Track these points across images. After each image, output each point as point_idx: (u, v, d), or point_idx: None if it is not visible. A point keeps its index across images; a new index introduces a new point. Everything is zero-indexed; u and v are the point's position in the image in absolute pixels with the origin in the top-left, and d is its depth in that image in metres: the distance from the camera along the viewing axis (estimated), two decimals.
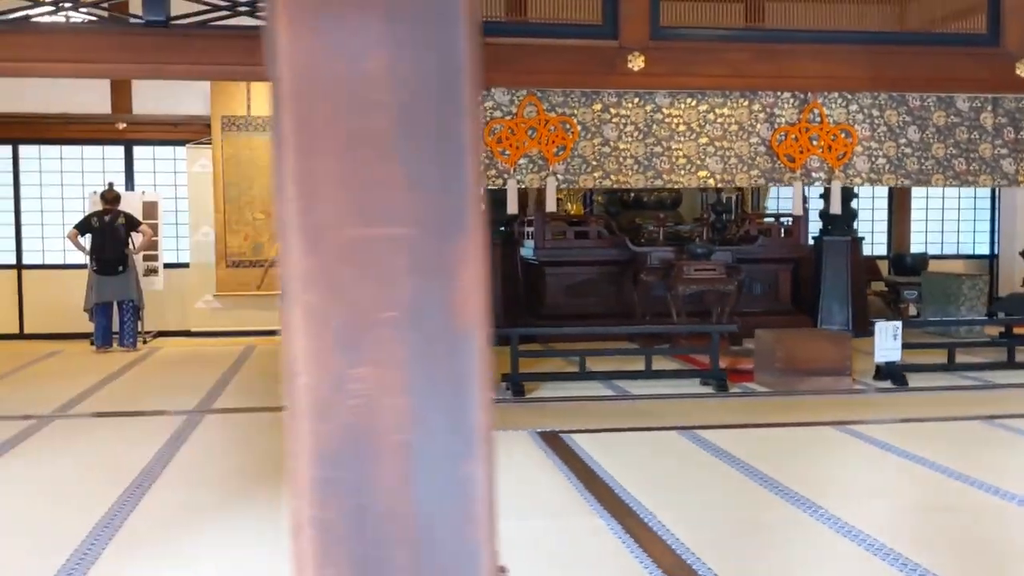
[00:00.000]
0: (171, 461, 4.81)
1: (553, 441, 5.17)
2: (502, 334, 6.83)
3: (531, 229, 9.54)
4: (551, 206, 6.54)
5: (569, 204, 10.57)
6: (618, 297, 9.59)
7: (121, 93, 9.89)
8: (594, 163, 6.58)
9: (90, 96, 9.78)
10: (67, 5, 5.78)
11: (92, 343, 9.37)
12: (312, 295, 0.90)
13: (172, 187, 10.22)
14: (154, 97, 9.90)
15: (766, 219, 10.41)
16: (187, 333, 10.11)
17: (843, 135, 6.81)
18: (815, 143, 6.78)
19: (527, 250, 9.67)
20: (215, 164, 9.98)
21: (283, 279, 0.91)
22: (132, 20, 5.74)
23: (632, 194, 9.95)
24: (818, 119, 6.78)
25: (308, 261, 0.90)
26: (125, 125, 9.93)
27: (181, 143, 10.12)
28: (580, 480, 4.39)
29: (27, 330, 10.01)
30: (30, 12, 6.11)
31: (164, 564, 3.39)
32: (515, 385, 6.61)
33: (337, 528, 0.91)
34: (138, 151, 10.18)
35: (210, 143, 9.98)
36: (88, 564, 3.34)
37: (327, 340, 0.91)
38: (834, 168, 6.82)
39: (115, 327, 9.13)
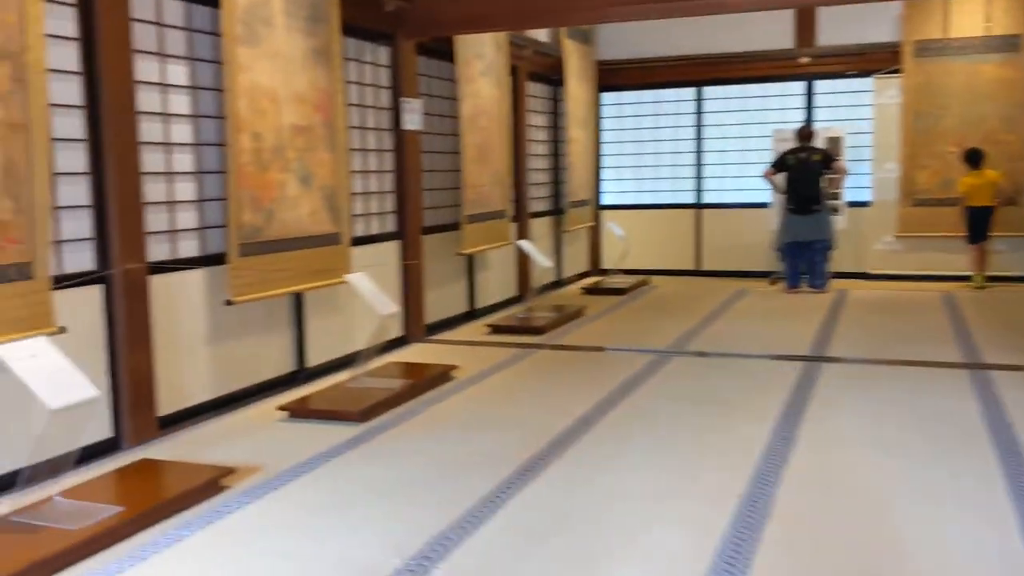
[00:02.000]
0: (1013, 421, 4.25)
1: None
2: None
3: None
4: None
5: None
6: None
7: (805, 26, 9.59)
8: None
9: (773, 32, 9.66)
10: None
11: (772, 282, 9.36)
12: None
13: (854, 121, 9.68)
14: (839, 27, 9.45)
15: None
16: (863, 275, 9.62)
17: None
18: None
19: None
20: (904, 94, 9.22)
21: None
22: None
23: None
24: None
25: None
26: (808, 59, 9.62)
27: (866, 74, 9.52)
28: None
29: (704, 267, 10.38)
30: None
31: None
32: None
33: None
34: (819, 85, 9.82)
35: (899, 72, 9.24)
36: None
37: None
38: None
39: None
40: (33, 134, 3.48)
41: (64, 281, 3.86)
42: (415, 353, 6.24)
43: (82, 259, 4.04)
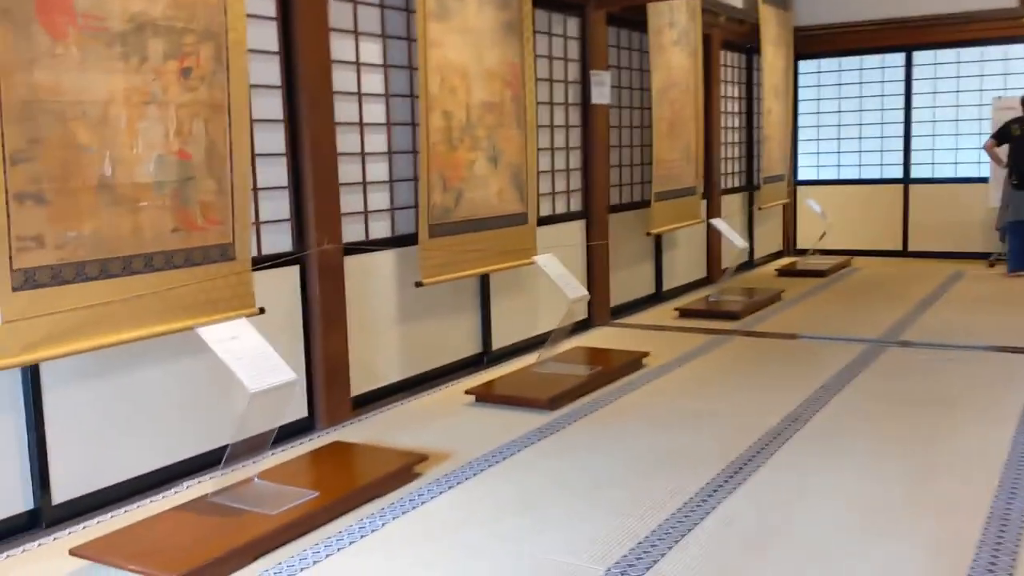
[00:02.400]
0: None
1: None
2: None
3: None
4: None
5: None
6: None
7: None
8: None
9: None
10: None
11: (990, 264, 8.54)
12: None
13: None
14: None
15: None
16: None
17: None
18: None
19: None
20: None
21: None
22: None
23: None
24: None
25: None
26: None
27: None
28: None
29: (912, 248, 9.59)
30: None
31: None
32: None
33: None
34: None
35: None
36: None
37: None
38: None
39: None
40: (234, 115, 3.49)
41: (263, 262, 3.88)
42: (600, 337, 6.03)
43: (280, 240, 4.06)
